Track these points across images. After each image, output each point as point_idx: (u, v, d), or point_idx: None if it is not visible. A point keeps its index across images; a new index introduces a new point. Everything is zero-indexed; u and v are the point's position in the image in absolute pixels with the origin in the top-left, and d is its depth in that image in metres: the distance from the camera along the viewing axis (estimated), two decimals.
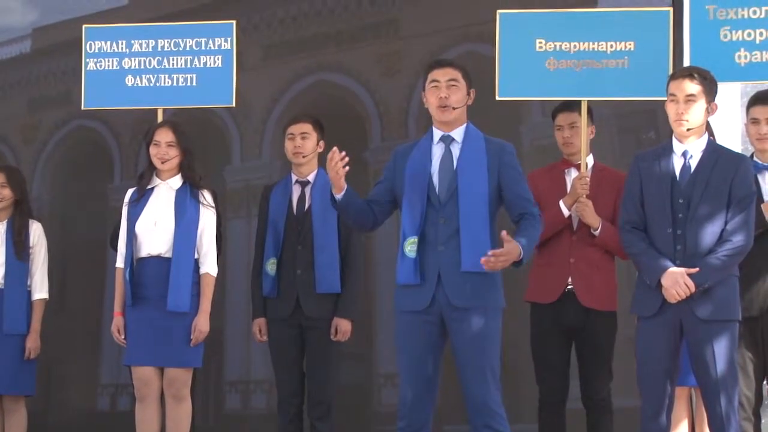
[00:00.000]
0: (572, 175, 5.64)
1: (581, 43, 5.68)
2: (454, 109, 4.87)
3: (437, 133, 4.93)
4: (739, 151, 5.78)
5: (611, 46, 5.67)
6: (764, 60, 5.51)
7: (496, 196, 4.84)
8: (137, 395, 5.62)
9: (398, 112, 7.59)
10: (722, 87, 5.05)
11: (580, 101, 5.65)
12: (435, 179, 4.84)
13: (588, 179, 5.54)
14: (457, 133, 4.91)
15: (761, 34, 5.52)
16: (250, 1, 7.79)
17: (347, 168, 4.71)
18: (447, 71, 4.90)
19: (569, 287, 5.50)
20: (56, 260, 6.67)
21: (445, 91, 4.87)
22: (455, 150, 4.88)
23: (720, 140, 5.54)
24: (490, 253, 4.63)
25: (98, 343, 7.66)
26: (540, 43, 5.71)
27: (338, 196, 4.80)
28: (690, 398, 5.69)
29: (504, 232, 4.64)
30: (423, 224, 4.78)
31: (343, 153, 4.69)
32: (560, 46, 5.69)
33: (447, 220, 4.79)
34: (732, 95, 6.41)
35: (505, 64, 5.71)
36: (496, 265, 4.64)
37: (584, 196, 5.51)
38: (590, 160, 5.66)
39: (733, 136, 6.45)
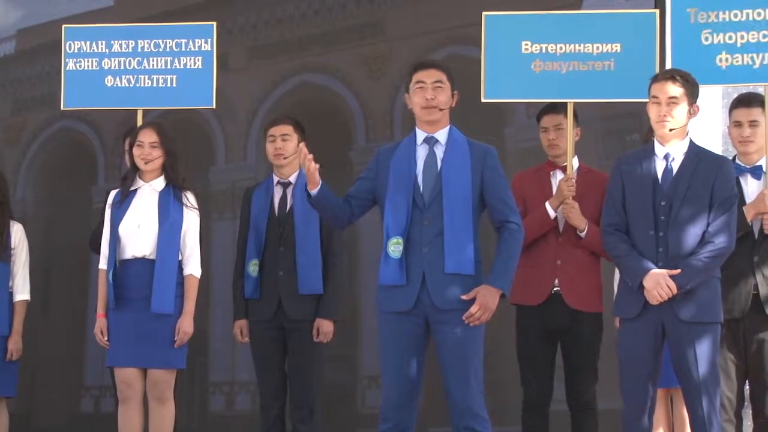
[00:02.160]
0: (558, 177, 5.65)
1: (567, 45, 5.69)
2: (440, 110, 4.89)
3: (421, 134, 4.94)
4: (720, 153, 5.79)
5: (597, 48, 5.67)
6: (745, 63, 5.51)
7: (479, 198, 4.86)
8: (120, 397, 5.61)
9: (383, 113, 7.59)
10: (703, 89, 5.06)
11: (565, 103, 5.65)
12: (419, 180, 4.86)
13: (574, 181, 5.54)
14: (441, 135, 4.92)
15: (742, 37, 5.52)
16: (236, 3, 7.78)
17: (318, 165, 4.74)
18: (432, 72, 4.92)
19: (556, 289, 5.50)
20: (40, 262, 6.66)
21: (431, 92, 4.89)
22: (439, 151, 4.90)
23: (700, 142, 5.54)
24: (465, 317, 4.71)
25: (82, 345, 7.64)
26: (526, 44, 5.71)
27: (313, 192, 4.81)
28: (668, 400, 5.70)
29: (462, 297, 4.72)
30: (408, 225, 4.79)
31: (306, 150, 4.73)
32: (546, 48, 5.70)
33: (431, 222, 4.79)
34: (712, 97, 6.42)
35: (491, 66, 5.71)
36: (481, 319, 4.73)
37: (570, 197, 5.51)
38: (575, 162, 5.66)
39: (713, 138, 6.45)
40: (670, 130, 4.93)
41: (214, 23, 6.07)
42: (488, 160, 4.88)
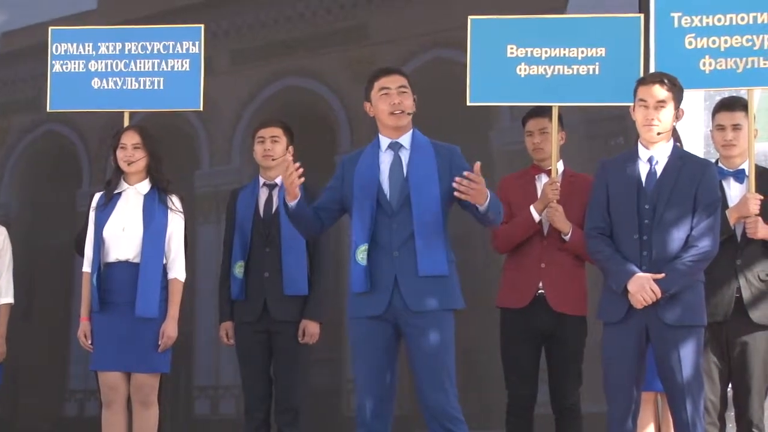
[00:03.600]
0: (543, 180, 5.66)
1: (552, 49, 5.70)
2: (408, 114, 4.90)
3: (385, 141, 4.95)
4: (702, 156, 5.81)
5: (582, 52, 5.69)
6: (729, 67, 5.53)
7: (447, 199, 4.85)
8: (104, 401, 5.59)
9: (367, 117, 7.57)
10: (686, 93, 5.08)
11: (550, 107, 5.66)
12: (385, 187, 4.86)
13: (558, 185, 5.55)
14: (405, 140, 4.94)
15: (726, 41, 5.53)
16: (220, 7, 7.77)
17: (302, 179, 4.74)
18: (396, 78, 4.93)
19: (540, 292, 5.51)
20: (24, 265, 6.63)
21: (397, 98, 4.90)
22: (404, 156, 4.91)
23: (683, 145, 5.57)
24: (465, 173, 4.61)
25: (66, 349, 7.62)
26: (511, 48, 5.72)
27: (291, 204, 4.81)
28: (656, 403, 5.71)
29: (477, 164, 4.62)
30: (374, 232, 4.79)
31: (298, 164, 4.72)
32: (531, 52, 5.71)
33: (400, 226, 4.80)
34: (695, 101, 6.44)
35: (476, 70, 5.72)
36: (469, 189, 4.61)
37: (555, 201, 5.52)
38: (560, 166, 5.68)
39: (695, 142, 6.47)
40: (658, 133, 4.95)
41: (202, 26, 6.05)
42: (454, 159, 4.89)
